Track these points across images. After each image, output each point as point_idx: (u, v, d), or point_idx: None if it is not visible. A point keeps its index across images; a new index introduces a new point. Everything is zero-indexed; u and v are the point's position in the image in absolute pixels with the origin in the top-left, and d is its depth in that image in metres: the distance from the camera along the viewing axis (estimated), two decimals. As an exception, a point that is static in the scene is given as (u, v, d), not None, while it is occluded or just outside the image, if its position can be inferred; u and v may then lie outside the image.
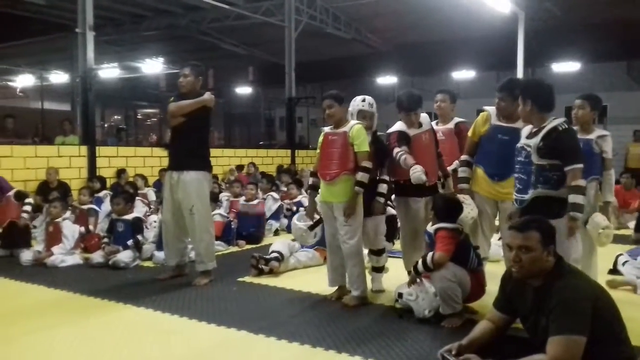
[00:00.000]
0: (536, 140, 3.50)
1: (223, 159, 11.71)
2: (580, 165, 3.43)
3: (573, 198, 3.39)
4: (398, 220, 4.87)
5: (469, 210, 4.18)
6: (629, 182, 9.30)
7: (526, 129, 3.68)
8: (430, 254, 3.82)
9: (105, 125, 21.25)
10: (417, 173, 4.04)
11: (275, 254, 5.44)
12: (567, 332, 2.41)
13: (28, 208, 6.55)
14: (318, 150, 4.50)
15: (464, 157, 4.42)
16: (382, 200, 4.47)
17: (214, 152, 5.41)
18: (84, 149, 9.30)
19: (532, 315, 2.68)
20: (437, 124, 5.15)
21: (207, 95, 5.05)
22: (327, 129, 4.46)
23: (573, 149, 3.48)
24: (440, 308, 3.83)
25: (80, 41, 9.43)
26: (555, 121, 3.49)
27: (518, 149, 3.66)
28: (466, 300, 3.90)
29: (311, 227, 4.70)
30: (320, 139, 4.48)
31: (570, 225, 3.42)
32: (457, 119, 5.23)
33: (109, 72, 17.10)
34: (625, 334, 2.57)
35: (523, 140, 3.63)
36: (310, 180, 4.70)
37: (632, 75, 17.28)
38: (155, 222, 6.33)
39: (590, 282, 2.71)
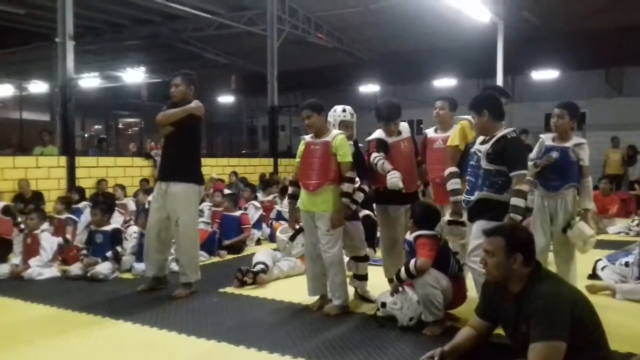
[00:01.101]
0: (487, 146, 3.70)
1: (205, 168, 11.58)
2: (525, 172, 3.66)
3: (514, 201, 3.55)
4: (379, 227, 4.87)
5: (463, 234, 4.13)
6: (607, 188, 9.43)
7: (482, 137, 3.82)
8: (412, 261, 3.82)
9: (86, 135, 21.03)
10: (394, 179, 4.08)
11: (260, 266, 5.40)
12: (547, 338, 2.42)
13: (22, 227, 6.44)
14: (298, 159, 4.49)
15: (453, 169, 4.29)
16: (353, 206, 4.40)
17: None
18: (63, 160, 9.19)
19: (513, 322, 2.69)
20: (435, 131, 5.00)
21: (194, 103, 4.94)
22: (308, 138, 4.45)
23: (518, 156, 3.69)
24: (423, 315, 3.83)
25: (60, 51, 9.35)
26: (505, 130, 3.70)
27: (471, 154, 3.85)
28: (448, 307, 3.90)
29: (291, 238, 4.68)
30: (301, 147, 4.46)
31: None
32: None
33: (90, 81, 16.98)
34: (605, 340, 2.59)
35: (476, 146, 3.81)
36: (290, 190, 4.67)
37: (611, 82, 17.58)
38: (135, 233, 6.25)
39: (568, 287, 2.72)
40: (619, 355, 3.16)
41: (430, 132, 5.01)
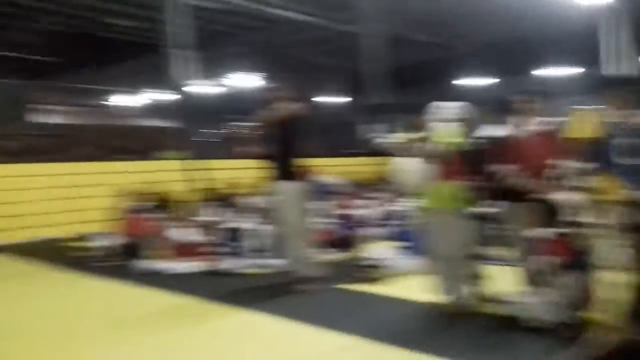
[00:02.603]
0: None
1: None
2: None
3: None
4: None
5: None
6: None
7: None
8: (546, 258, 3.77)
9: (207, 140, 22.23)
10: None
11: (378, 261, 5.52)
12: None
13: None
14: None
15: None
16: None
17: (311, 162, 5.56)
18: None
19: None
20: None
21: (291, 105, 5.29)
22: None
23: None
24: (558, 316, 3.71)
25: (174, 59, 10.16)
26: None
27: None
28: (581, 309, 3.72)
29: None
30: None
31: None
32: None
33: (204, 88, 17.98)
34: None
35: None
36: None
37: None
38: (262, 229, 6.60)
39: None
40: None
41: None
